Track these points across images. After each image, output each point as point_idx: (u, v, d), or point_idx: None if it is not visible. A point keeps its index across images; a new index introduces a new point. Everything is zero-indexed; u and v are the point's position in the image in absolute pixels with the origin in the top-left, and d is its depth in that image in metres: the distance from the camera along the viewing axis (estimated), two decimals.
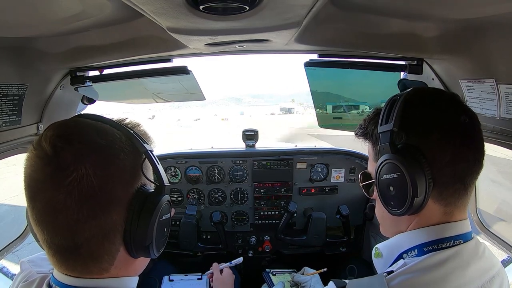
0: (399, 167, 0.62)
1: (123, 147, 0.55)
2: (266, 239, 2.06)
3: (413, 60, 1.19)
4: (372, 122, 0.74)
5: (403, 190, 0.62)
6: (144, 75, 1.39)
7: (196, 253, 1.96)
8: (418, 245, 0.65)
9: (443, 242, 0.64)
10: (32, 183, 0.51)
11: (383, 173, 0.66)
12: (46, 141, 0.50)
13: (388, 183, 0.65)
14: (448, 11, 0.78)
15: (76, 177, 0.49)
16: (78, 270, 0.54)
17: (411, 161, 0.61)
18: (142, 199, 0.55)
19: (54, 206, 0.49)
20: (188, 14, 0.69)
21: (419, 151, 0.62)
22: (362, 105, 1.67)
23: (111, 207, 0.52)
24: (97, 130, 0.55)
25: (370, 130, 0.75)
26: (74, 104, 1.42)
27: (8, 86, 0.97)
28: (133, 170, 0.56)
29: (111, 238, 0.53)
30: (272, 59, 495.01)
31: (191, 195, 2.04)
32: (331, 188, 2.05)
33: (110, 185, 0.52)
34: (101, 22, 0.85)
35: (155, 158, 0.58)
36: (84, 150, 0.51)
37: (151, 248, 0.56)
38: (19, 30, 0.84)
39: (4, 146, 1.04)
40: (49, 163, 0.50)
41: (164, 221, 0.59)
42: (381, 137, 0.66)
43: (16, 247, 1.34)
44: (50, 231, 0.51)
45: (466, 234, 0.66)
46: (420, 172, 0.61)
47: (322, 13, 0.81)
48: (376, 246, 0.75)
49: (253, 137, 2.06)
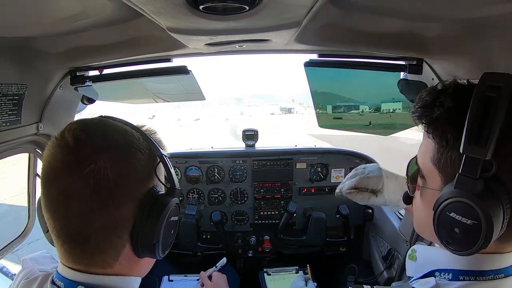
0: (478, 216, 0.48)
1: (140, 147, 0.58)
2: (266, 239, 2.06)
3: (413, 60, 1.19)
4: (446, 116, 0.54)
5: (471, 239, 0.49)
6: (144, 75, 1.39)
7: (196, 253, 1.96)
8: (454, 270, 0.58)
9: (481, 275, 0.56)
10: (50, 170, 0.54)
11: (451, 210, 0.51)
12: (69, 133, 0.53)
13: (455, 224, 0.51)
14: (448, 11, 0.78)
15: (94, 168, 0.51)
16: (84, 263, 0.55)
17: (495, 208, 0.48)
18: (153, 199, 0.57)
19: (69, 193, 0.52)
20: (188, 14, 0.69)
21: (506, 192, 0.49)
22: (362, 105, 1.67)
23: (123, 202, 0.54)
24: (118, 129, 0.59)
25: (440, 126, 0.55)
26: (74, 104, 1.42)
27: (8, 86, 0.97)
28: (147, 171, 0.59)
29: (119, 232, 0.55)
30: (272, 59, 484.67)
31: (191, 195, 2.04)
32: (331, 188, 2.05)
33: (125, 181, 0.54)
34: (101, 22, 0.85)
35: (168, 162, 0.61)
36: (103, 144, 0.54)
37: (157, 248, 0.57)
38: (19, 30, 0.84)
39: (4, 146, 1.04)
40: (70, 153, 0.53)
41: (172, 222, 0.61)
42: (465, 162, 0.49)
43: (16, 246, 1.34)
44: (62, 219, 0.54)
45: (509, 268, 0.57)
46: (499, 219, 0.48)
47: (322, 13, 0.81)
48: (413, 248, 0.68)
49: (253, 137, 2.06)
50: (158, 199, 0.58)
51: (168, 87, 1.72)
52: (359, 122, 1.67)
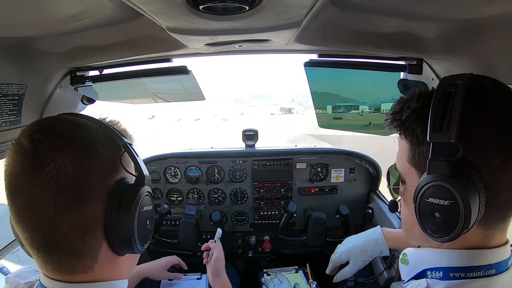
0: (453, 195, 0.51)
1: (99, 138, 0.55)
2: (266, 239, 2.06)
3: (413, 60, 1.19)
4: (414, 116, 0.60)
5: (452, 220, 0.52)
6: (144, 75, 1.39)
7: (196, 253, 1.96)
8: (444, 267, 0.59)
9: (472, 271, 0.56)
10: (11, 178, 0.51)
11: (428, 195, 0.54)
12: (24, 137, 0.51)
13: (434, 208, 0.54)
14: (448, 11, 0.78)
15: (53, 168, 0.49)
16: (63, 270, 0.53)
17: (468, 187, 0.51)
18: (122, 191, 0.55)
19: (32, 200, 0.50)
20: (188, 14, 0.69)
21: (476, 172, 0.52)
22: (362, 105, 1.67)
23: (90, 199, 0.52)
24: (74, 123, 0.56)
25: (409, 125, 0.60)
26: (74, 104, 1.42)
27: (8, 86, 0.97)
28: (112, 163, 0.56)
29: (92, 232, 0.53)
30: (272, 59, 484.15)
31: (190, 195, 2.04)
32: (331, 188, 2.05)
33: (88, 176, 0.52)
34: (101, 22, 0.85)
35: (133, 150, 0.58)
36: (60, 141, 0.52)
37: (133, 242, 0.55)
38: (19, 30, 0.84)
39: (3, 146, 1.04)
40: (27, 157, 0.50)
41: (145, 212, 0.58)
42: (433, 148, 0.54)
43: (16, 247, 1.34)
44: (30, 227, 0.51)
45: (501, 264, 0.57)
46: (476, 199, 0.51)
47: (322, 13, 0.81)
48: (404, 252, 0.70)
49: (253, 137, 2.06)
50: (126, 190, 0.55)
51: (168, 87, 1.72)
52: (359, 122, 1.67)
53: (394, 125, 0.64)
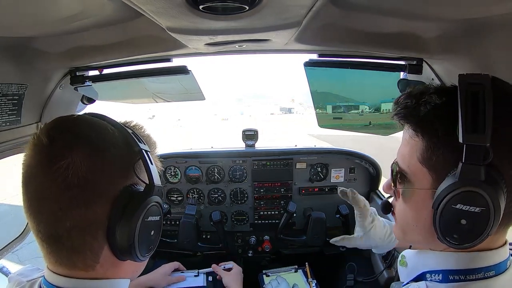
0: (486, 202, 0.49)
1: (114, 142, 0.56)
2: (266, 239, 2.06)
3: (413, 60, 1.19)
4: (436, 113, 0.55)
5: (479, 227, 0.50)
6: (144, 75, 1.39)
7: (195, 252, 1.96)
8: (444, 270, 0.58)
9: (472, 274, 0.56)
10: (27, 169, 0.53)
11: (457, 202, 0.50)
12: (43, 132, 0.54)
13: (461, 215, 0.51)
14: (448, 11, 0.78)
15: (63, 164, 0.50)
16: (64, 264, 0.54)
17: (498, 193, 0.49)
18: (128, 197, 0.54)
19: (41, 191, 0.51)
20: (187, 13, 0.69)
21: (502, 178, 0.50)
22: (362, 105, 1.67)
23: (95, 200, 0.52)
24: (91, 124, 0.57)
25: (429, 123, 0.55)
26: (74, 103, 1.42)
27: (8, 86, 0.97)
28: (124, 168, 0.56)
29: (93, 233, 0.53)
30: (272, 59, 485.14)
31: (190, 195, 2.04)
32: (331, 188, 2.05)
33: (96, 177, 0.52)
34: (100, 22, 0.85)
35: (149, 158, 0.57)
36: (73, 140, 0.53)
37: (133, 250, 0.54)
38: (19, 30, 0.84)
39: (3, 146, 1.04)
40: (42, 150, 0.52)
41: (150, 223, 0.56)
42: (466, 151, 0.49)
43: (16, 246, 1.34)
44: (37, 218, 0.53)
45: (500, 265, 0.56)
46: (503, 205, 0.50)
47: (322, 13, 0.81)
48: (403, 254, 0.69)
49: (253, 137, 2.06)
50: (133, 197, 0.54)
51: (168, 87, 1.72)
52: (359, 122, 1.67)
53: (408, 120, 0.59)
